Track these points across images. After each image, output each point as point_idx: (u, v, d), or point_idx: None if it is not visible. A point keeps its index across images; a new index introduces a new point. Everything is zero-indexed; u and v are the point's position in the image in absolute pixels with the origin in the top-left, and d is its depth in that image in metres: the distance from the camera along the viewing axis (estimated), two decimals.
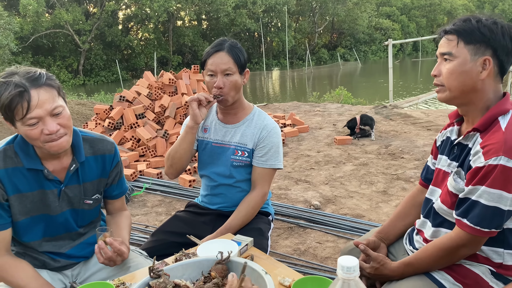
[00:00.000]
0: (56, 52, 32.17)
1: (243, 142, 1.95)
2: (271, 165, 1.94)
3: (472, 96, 1.35)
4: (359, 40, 43.61)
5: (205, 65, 1.88)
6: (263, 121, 1.97)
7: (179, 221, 2.04)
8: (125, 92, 6.16)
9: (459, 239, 1.31)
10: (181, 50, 36.96)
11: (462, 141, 1.40)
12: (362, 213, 3.57)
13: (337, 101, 10.71)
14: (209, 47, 1.89)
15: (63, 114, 1.41)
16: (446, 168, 1.46)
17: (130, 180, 4.64)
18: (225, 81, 1.83)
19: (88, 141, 1.61)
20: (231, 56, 1.84)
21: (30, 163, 1.47)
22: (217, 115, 2.03)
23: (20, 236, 1.54)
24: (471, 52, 1.31)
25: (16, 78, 1.34)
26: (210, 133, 2.01)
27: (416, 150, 5.34)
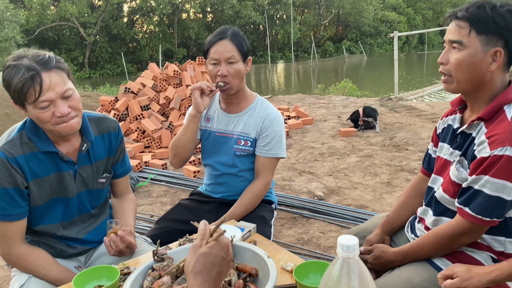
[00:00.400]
0: (61, 45, 32.26)
1: (246, 132, 1.95)
2: (274, 154, 1.95)
3: (480, 86, 1.32)
4: (364, 33, 43.31)
5: (208, 54, 1.87)
6: (265, 110, 1.97)
7: (183, 209, 2.06)
8: (130, 84, 6.18)
9: (460, 228, 1.31)
10: (186, 43, 36.93)
11: (465, 130, 1.37)
12: (366, 203, 3.58)
13: (342, 94, 10.67)
14: (212, 35, 1.88)
15: (73, 96, 1.42)
16: (448, 157, 1.45)
17: (135, 170, 4.67)
18: (229, 69, 1.82)
19: (93, 121, 1.63)
20: (234, 44, 1.83)
21: (45, 146, 1.48)
22: (220, 105, 2.03)
23: (38, 220, 1.54)
24: (482, 42, 1.25)
25: (26, 61, 1.34)
26: (213, 123, 2.01)
27: (421, 142, 5.33)
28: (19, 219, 1.48)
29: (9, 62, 1.36)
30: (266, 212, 2.01)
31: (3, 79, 1.37)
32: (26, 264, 1.50)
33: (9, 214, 1.45)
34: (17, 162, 1.43)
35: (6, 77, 1.35)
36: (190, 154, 2.01)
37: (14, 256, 1.50)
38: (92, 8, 33.21)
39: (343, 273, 0.74)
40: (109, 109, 6.01)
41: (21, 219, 1.49)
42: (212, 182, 2.08)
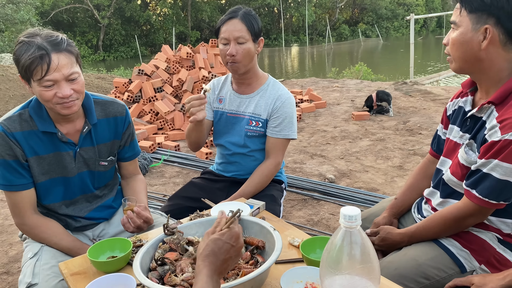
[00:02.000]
0: (76, 27, 32.37)
1: (257, 113, 1.97)
2: (285, 135, 1.96)
3: (478, 65, 1.32)
4: (381, 16, 42.45)
5: (219, 33, 1.88)
6: (277, 91, 1.98)
7: (195, 187, 2.10)
8: (144, 66, 6.21)
9: (467, 209, 1.32)
10: (199, 26, 36.74)
11: (476, 113, 1.37)
12: (377, 186, 3.58)
13: (357, 77, 10.56)
14: (224, 15, 1.90)
15: (78, 80, 1.45)
16: (458, 140, 1.44)
17: (148, 151, 4.74)
18: (238, 48, 1.83)
19: (100, 104, 1.65)
20: (245, 24, 1.84)
21: (44, 126, 1.52)
22: (232, 86, 2.05)
23: (41, 198, 1.62)
24: (473, 21, 1.28)
25: (38, 40, 1.37)
26: (225, 104, 2.03)
27: (435, 126, 5.27)
28: (26, 189, 1.54)
29: (22, 38, 1.40)
30: (275, 191, 2.04)
31: (14, 53, 1.41)
32: (38, 232, 1.57)
33: (14, 184, 1.52)
34: (15, 137, 1.48)
35: (17, 52, 1.39)
36: (204, 141, 2.04)
37: (27, 226, 1.57)
38: None
39: (345, 243, 0.76)
40: (123, 91, 6.07)
41: (27, 189, 1.55)
42: (224, 161, 2.11)
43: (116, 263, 1.28)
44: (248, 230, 1.27)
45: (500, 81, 1.32)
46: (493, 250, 1.36)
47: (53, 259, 1.53)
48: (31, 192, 1.57)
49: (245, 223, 1.27)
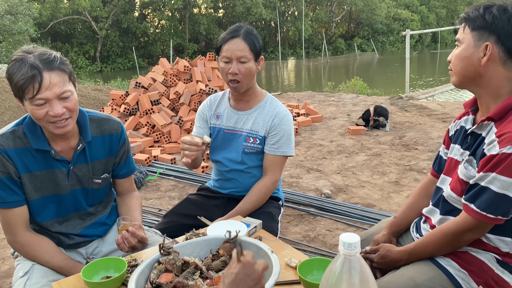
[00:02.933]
0: (73, 38, 32.50)
1: (255, 129, 1.97)
2: (283, 152, 1.96)
3: (478, 80, 1.36)
4: (377, 31, 42.96)
5: (220, 51, 1.88)
6: (275, 108, 1.99)
7: (191, 204, 2.08)
8: (141, 79, 6.22)
9: (465, 224, 1.32)
10: (196, 38, 36.98)
11: (475, 130, 1.39)
12: (373, 202, 3.57)
13: (353, 92, 10.62)
14: (225, 32, 1.89)
15: (70, 98, 1.44)
16: (458, 157, 1.46)
17: (144, 165, 4.72)
18: (240, 67, 1.84)
19: (95, 121, 1.64)
20: (247, 43, 1.84)
21: (38, 143, 1.51)
22: (229, 102, 2.05)
23: (34, 216, 1.60)
24: (475, 38, 1.33)
25: (31, 58, 1.37)
26: (223, 120, 2.03)
27: (431, 141, 5.30)
28: (18, 206, 1.52)
29: (15, 56, 1.40)
30: (273, 209, 2.03)
31: (7, 71, 1.40)
32: (30, 250, 1.55)
33: (7, 201, 1.50)
34: (8, 154, 1.47)
35: (10, 70, 1.39)
36: (200, 162, 2.05)
37: (18, 243, 1.55)
38: (104, 2, 33.38)
39: (344, 270, 0.75)
40: (119, 103, 6.06)
41: (20, 206, 1.53)
42: (220, 178, 2.10)
43: (110, 283, 1.25)
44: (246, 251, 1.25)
45: (499, 97, 1.35)
46: (491, 271, 1.36)
47: (44, 278, 1.50)
48: (24, 209, 1.55)
49: (242, 244, 1.26)
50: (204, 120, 2.07)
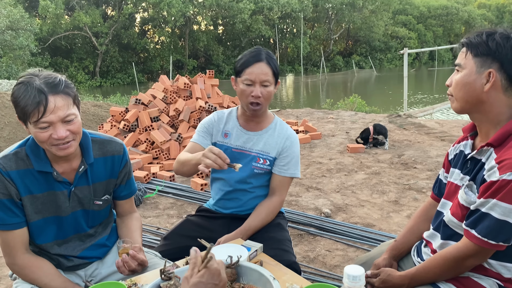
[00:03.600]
0: (73, 53, 32.73)
1: (266, 151, 1.98)
2: (291, 174, 1.99)
3: (479, 107, 1.37)
4: (374, 48, 43.41)
5: (242, 74, 1.89)
6: (286, 130, 2.03)
7: (192, 225, 2.06)
8: (141, 95, 6.25)
9: (466, 250, 1.32)
10: (196, 54, 37.28)
11: (475, 155, 1.40)
12: (373, 222, 3.56)
13: (351, 109, 10.68)
14: (246, 55, 1.91)
15: (74, 121, 1.45)
16: (459, 182, 1.46)
17: (143, 182, 4.70)
18: (262, 91, 1.87)
19: (97, 143, 1.64)
20: (270, 67, 1.88)
21: (40, 165, 1.51)
22: (238, 121, 2.04)
23: (34, 238, 1.59)
24: (477, 64, 1.34)
25: (36, 82, 1.38)
26: (231, 139, 2.02)
27: (429, 160, 5.31)
28: (18, 228, 1.51)
29: (21, 79, 1.40)
30: (280, 220, 2.08)
31: (12, 93, 1.41)
32: (29, 273, 1.53)
33: (7, 223, 1.49)
34: (10, 176, 1.47)
35: (15, 93, 1.39)
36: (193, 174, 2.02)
37: (17, 266, 1.53)
38: (104, 18, 33.72)
39: None
40: (119, 120, 6.07)
41: (20, 228, 1.52)
42: (222, 197, 2.08)
43: None
44: (247, 277, 1.24)
45: (499, 124, 1.36)
46: None
47: None
48: (24, 231, 1.54)
49: (244, 270, 1.25)
50: (208, 133, 2.04)
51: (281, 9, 34.98)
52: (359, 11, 39.52)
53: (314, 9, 39.43)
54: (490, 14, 54.72)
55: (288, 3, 35.09)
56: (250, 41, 38.64)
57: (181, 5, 30.59)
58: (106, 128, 6.08)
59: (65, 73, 22.96)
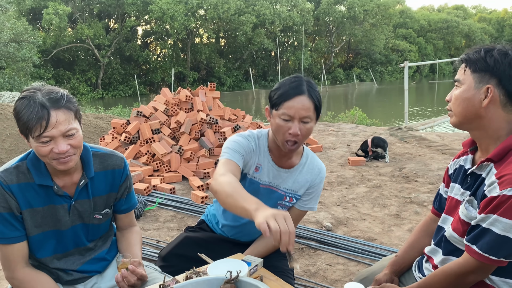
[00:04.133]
0: (76, 65, 32.94)
1: (295, 189, 1.84)
2: (310, 207, 1.88)
3: (478, 122, 1.37)
4: (375, 61, 43.66)
5: (280, 107, 1.64)
6: (315, 166, 1.87)
7: (193, 244, 1.95)
8: (143, 108, 6.27)
9: (468, 265, 1.31)
10: (198, 67, 37.49)
11: (475, 170, 1.40)
12: (374, 236, 3.54)
13: (352, 122, 10.70)
14: (286, 85, 1.66)
15: (75, 136, 1.45)
16: (459, 197, 1.46)
17: (143, 194, 4.69)
18: (301, 128, 1.64)
19: (98, 157, 1.64)
20: (312, 102, 1.64)
21: (41, 179, 1.51)
22: (270, 154, 1.82)
23: (34, 252, 1.58)
24: (476, 79, 1.34)
25: (39, 96, 1.39)
26: (262, 174, 1.81)
27: (430, 173, 5.29)
28: (18, 241, 1.51)
29: (23, 94, 1.41)
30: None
31: (15, 108, 1.42)
32: (28, 287, 1.52)
33: (7, 237, 1.49)
34: (11, 190, 1.47)
35: (17, 107, 1.40)
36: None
37: (17, 280, 1.52)
38: (107, 31, 34.01)
39: None
40: (120, 132, 6.08)
41: (20, 242, 1.52)
42: (232, 224, 1.95)
43: None
44: None
45: (498, 139, 1.36)
46: None
47: None
48: (24, 245, 1.53)
49: (244, 285, 1.24)
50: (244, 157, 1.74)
51: (282, 22, 35.28)
52: (360, 25, 39.84)
53: (315, 23, 39.77)
54: (490, 28, 55.12)
55: (290, 17, 35.41)
56: (252, 54, 38.89)
57: (184, 18, 30.88)
58: (107, 140, 6.09)
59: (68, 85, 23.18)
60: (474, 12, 65.45)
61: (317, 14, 38.77)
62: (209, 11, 32.34)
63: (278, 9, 35.57)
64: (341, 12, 38.85)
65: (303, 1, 36.88)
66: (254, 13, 33.84)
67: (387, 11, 41.66)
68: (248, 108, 22.01)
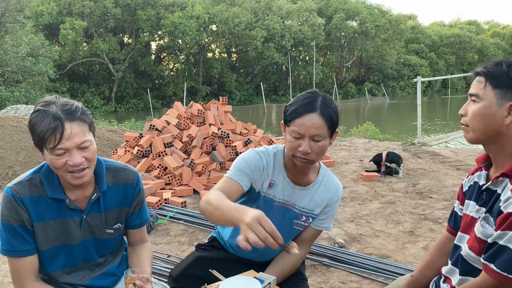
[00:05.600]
0: (90, 79, 33.50)
1: (311, 208, 1.78)
2: (325, 227, 1.83)
3: (497, 139, 1.33)
4: (387, 76, 43.60)
5: (291, 123, 1.59)
6: (332, 184, 1.81)
7: (204, 262, 1.88)
8: (155, 121, 6.31)
9: (485, 285, 1.27)
10: (209, 81, 37.83)
11: (490, 186, 1.36)
12: (388, 253, 3.47)
13: (364, 136, 10.62)
14: (298, 102, 1.60)
15: (89, 148, 1.45)
16: (474, 214, 1.42)
17: (155, 208, 4.69)
18: (312, 146, 1.58)
19: (111, 171, 1.64)
20: (324, 120, 1.56)
21: (53, 192, 1.50)
22: (286, 171, 1.75)
23: (44, 265, 1.57)
24: (498, 96, 1.30)
25: (53, 109, 1.39)
26: (276, 191, 1.75)
27: (445, 190, 5.20)
28: (29, 255, 1.50)
29: (38, 107, 1.42)
30: (301, 267, 1.91)
31: (29, 120, 1.42)
32: None
33: (18, 250, 1.48)
34: (23, 202, 1.47)
35: (32, 120, 1.41)
36: None
37: None
38: (121, 45, 34.61)
39: None
40: (133, 145, 6.12)
41: (31, 255, 1.51)
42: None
43: None
44: None
45: None
46: None
47: None
48: (34, 258, 1.52)
49: None
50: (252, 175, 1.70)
51: (293, 36, 35.53)
52: (372, 40, 39.94)
53: (327, 38, 39.99)
54: (504, 43, 54.75)
55: (301, 31, 35.68)
56: (263, 68, 39.14)
57: (195, 33, 31.30)
58: (120, 153, 6.13)
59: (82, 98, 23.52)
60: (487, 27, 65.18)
61: (328, 29, 39.00)
62: (220, 26, 32.76)
63: (289, 23, 35.88)
64: (353, 28, 39.02)
65: (314, 16, 37.16)
66: (264, 27, 34.19)
67: (398, 27, 41.77)
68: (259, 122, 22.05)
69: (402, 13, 47.18)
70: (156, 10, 32.15)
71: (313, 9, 37.63)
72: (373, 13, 39.76)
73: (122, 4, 31.53)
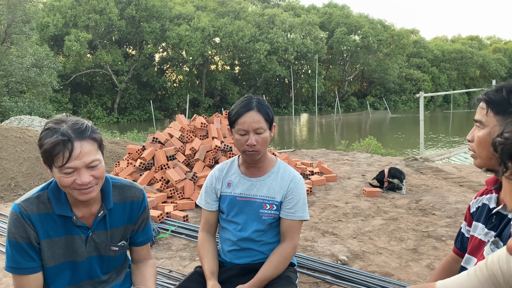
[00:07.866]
0: (93, 90, 33.71)
1: (271, 195, 1.96)
2: (299, 217, 1.96)
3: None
4: (389, 90, 43.77)
5: (235, 124, 1.90)
6: (289, 173, 2.01)
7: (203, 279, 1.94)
8: (158, 134, 6.32)
9: None
10: (212, 93, 38.04)
11: (501, 210, 1.35)
12: (391, 271, 3.44)
13: (366, 151, 10.61)
14: (237, 106, 1.92)
15: (98, 167, 1.46)
16: (483, 237, 1.41)
17: (156, 221, 4.67)
18: (257, 138, 1.87)
19: (118, 188, 1.64)
20: (262, 114, 1.88)
21: (61, 209, 1.51)
22: (240, 168, 2.04)
23: (48, 283, 1.57)
24: (500, 122, 1.31)
25: (63, 127, 1.40)
26: (234, 187, 2.01)
27: (448, 206, 5.17)
28: (34, 272, 1.50)
29: (49, 125, 1.43)
30: (290, 273, 2.00)
31: (39, 138, 1.43)
32: None
33: (23, 267, 1.48)
34: (31, 220, 1.47)
35: (42, 138, 1.42)
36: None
37: None
38: (125, 57, 34.89)
39: None
40: (135, 158, 6.12)
41: (36, 273, 1.50)
42: (234, 248, 2.00)
43: None
44: None
45: None
46: None
47: None
48: (39, 276, 1.52)
49: None
50: (213, 192, 2.04)
51: (296, 49, 35.76)
52: (374, 54, 40.18)
53: (329, 51, 40.27)
54: (506, 59, 54.99)
55: (303, 44, 35.93)
56: (266, 81, 39.35)
57: (200, 45, 31.55)
58: (122, 166, 6.13)
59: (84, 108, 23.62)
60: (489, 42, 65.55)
61: (330, 43, 39.28)
62: (225, 39, 33.03)
63: (292, 37, 36.15)
64: (355, 42, 39.28)
65: (316, 30, 37.46)
66: (268, 41, 34.45)
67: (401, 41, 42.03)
68: None
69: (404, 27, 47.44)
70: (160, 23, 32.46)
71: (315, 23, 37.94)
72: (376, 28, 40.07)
73: (127, 17, 31.86)
